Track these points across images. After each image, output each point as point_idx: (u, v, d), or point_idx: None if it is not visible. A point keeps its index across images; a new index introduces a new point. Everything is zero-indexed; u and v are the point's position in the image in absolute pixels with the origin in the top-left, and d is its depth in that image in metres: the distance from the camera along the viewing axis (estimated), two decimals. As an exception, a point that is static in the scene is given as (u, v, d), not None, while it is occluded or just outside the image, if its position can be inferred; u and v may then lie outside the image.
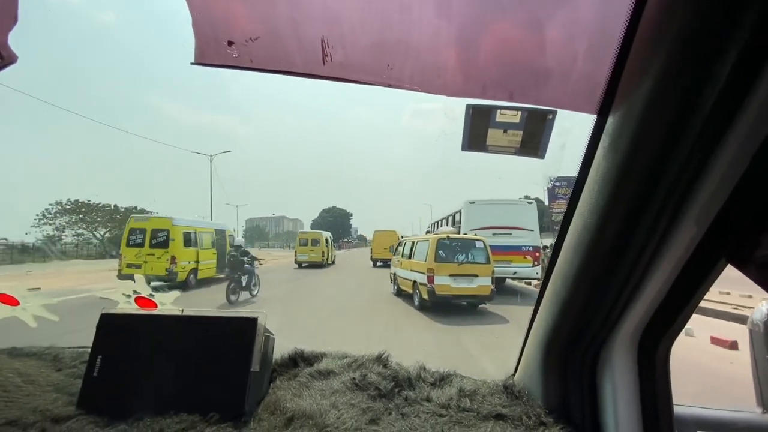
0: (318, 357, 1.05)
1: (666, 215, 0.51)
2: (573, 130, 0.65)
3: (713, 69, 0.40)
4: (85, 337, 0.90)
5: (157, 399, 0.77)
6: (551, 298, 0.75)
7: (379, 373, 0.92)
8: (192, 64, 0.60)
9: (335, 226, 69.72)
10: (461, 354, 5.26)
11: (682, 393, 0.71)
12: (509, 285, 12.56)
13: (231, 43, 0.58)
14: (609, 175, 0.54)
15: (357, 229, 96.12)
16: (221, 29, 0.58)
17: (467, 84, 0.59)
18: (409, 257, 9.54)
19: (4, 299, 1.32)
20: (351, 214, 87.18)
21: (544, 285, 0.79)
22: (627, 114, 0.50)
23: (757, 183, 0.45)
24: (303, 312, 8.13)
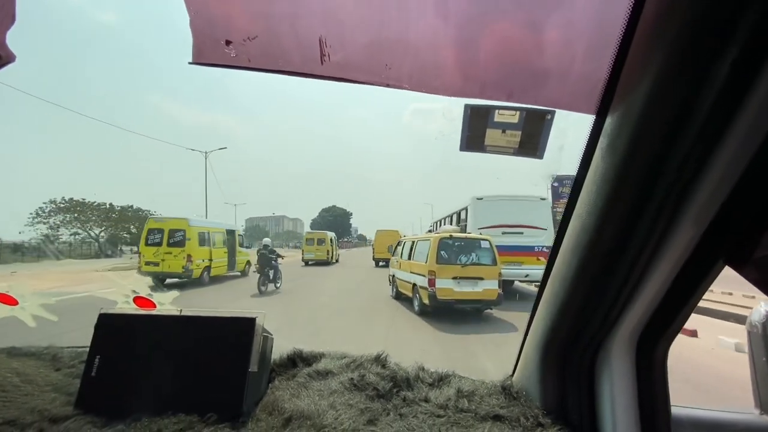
0: (317, 357, 1.05)
1: (664, 216, 0.51)
2: (571, 130, 0.65)
3: (712, 69, 0.40)
4: (84, 337, 0.89)
5: (155, 399, 0.76)
6: (549, 298, 0.75)
7: (378, 374, 0.92)
8: (190, 63, 0.60)
9: (335, 225, 69.65)
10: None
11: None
12: (518, 288, 11.34)
13: (229, 43, 0.58)
14: (607, 176, 0.54)
15: (357, 229, 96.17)
16: (219, 28, 0.58)
17: (465, 84, 0.58)
18: (409, 258, 8.81)
19: (3, 299, 1.32)
20: (351, 213, 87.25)
21: (542, 286, 0.78)
22: (625, 114, 0.50)
23: (756, 184, 0.45)
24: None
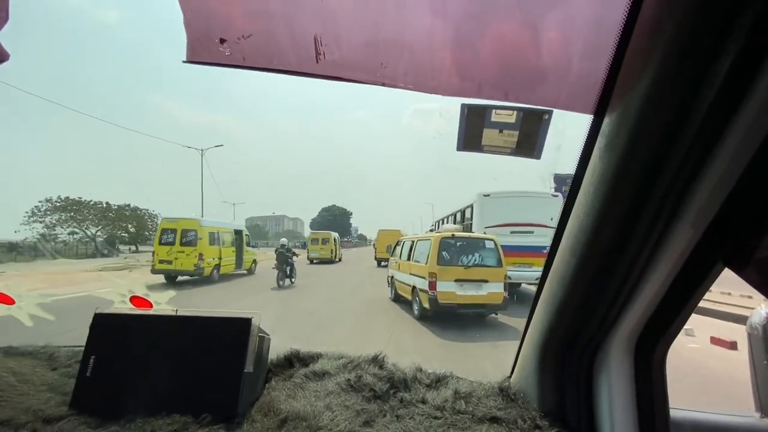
0: (314, 357, 1.04)
1: (663, 217, 0.50)
2: (569, 130, 0.64)
3: (710, 69, 0.39)
4: (81, 336, 0.89)
5: (150, 399, 0.76)
6: (548, 299, 0.74)
7: (375, 374, 0.92)
8: (184, 62, 0.60)
9: (335, 225, 69.52)
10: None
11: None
12: (525, 290, 10.24)
13: (223, 41, 0.57)
14: (605, 176, 0.53)
15: (357, 229, 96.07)
16: (213, 27, 0.57)
17: (462, 83, 0.58)
18: (408, 259, 8.27)
19: (0, 298, 1.32)
20: (351, 213, 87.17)
21: (540, 286, 0.78)
22: (624, 114, 0.49)
23: (755, 185, 0.45)
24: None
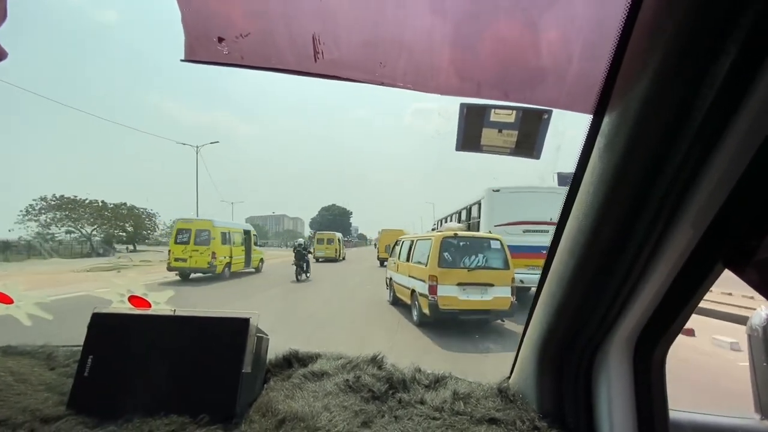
0: (312, 357, 1.04)
1: (662, 218, 0.50)
2: (569, 130, 0.64)
3: (710, 69, 0.39)
4: (79, 336, 0.89)
5: (148, 399, 0.76)
6: (547, 300, 0.74)
7: (373, 375, 0.91)
8: (182, 61, 0.59)
9: (335, 224, 69.38)
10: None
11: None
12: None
13: (221, 40, 0.57)
14: (605, 177, 0.53)
15: (357, 228, 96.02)
16: (211, 26, 0.57)
17: (461, 83, 0.58)
18: (407, 260, 7.64)
19: (-1, 297, 1.32)
20: (351, 212, 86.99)
21: (539, 287, 0.78)
22: (623, 114, 0.49)
23: (756, 185, 0.44)
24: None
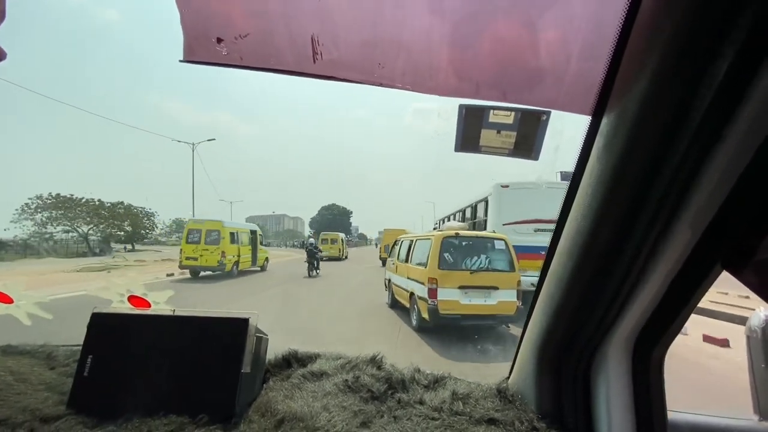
0: (312, 358, 1.04)
1: (661, 219, 0.50)
2: (567, 131, 0.64)
3: (709, 70, 0.39)
4: (79, 336, 0.89)
5: (147, 399, 0.76)
6: (545, 301, 0.74)
7: (373, 375, 0.91)
8: (180, 61, 0.59)
9: (334, 224, 69.33)
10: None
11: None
12: None
13: (220, 41, 0.57)
14: (603, 178, 0.53)
15: (357, 228, 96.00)
16: (210, 26, 0.57)
17: (460, 83, 0.58)
18: (406, 261, 7.19)
19: (-2, 297, 1.32)
20: (351, 212, 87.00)
21: (538, 287, 0.78)
22: (622, 115, 0.49)
23: (754, 187, 0.44)
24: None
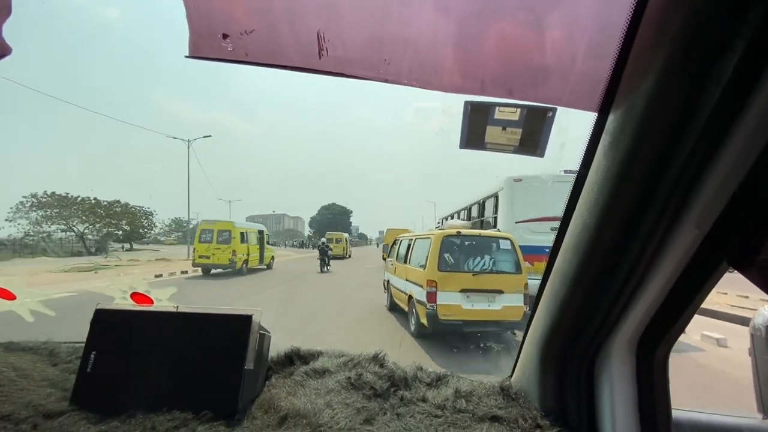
0: (314, 355, 1.04)
1: (667, 216, 0.50)
2: (573, 128, 0.64)
3: (717, 66, 0.39)
4: (82, 333, 0.89)
5: (150, 396, 0.76)
6: (549, 298, 0.74)
7: (375, 373, 0.91)
8: (186, 57, 0.59)
9: (334, 223, 69.21)
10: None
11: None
12: None
13: (226, 36, 0.57)
14: (609, 174, 0.53)
15: (358, 228, 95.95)
16: (216, 22, 0.57)
17: (466, 80, 0.58)
18: (405, 261, 6.70)
19: (1, 294, 1.32)
20: (351, 211, 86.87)
21: (542, 285, 0.78)
22: (628, 112, 0.49)
23: (761, 183, 0.44)
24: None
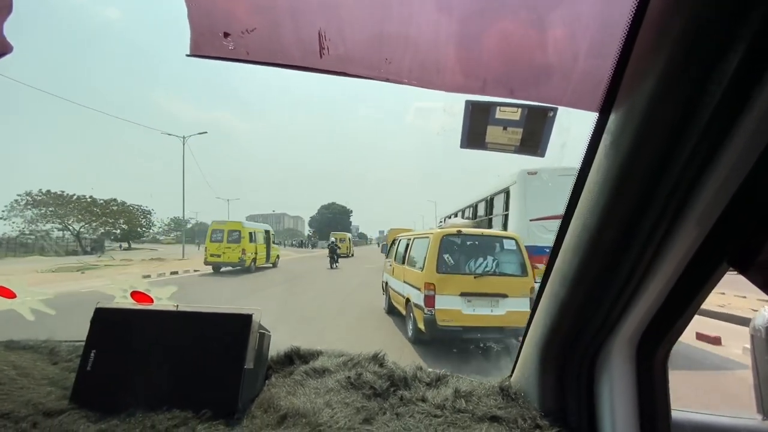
0: (314, 355, 1.04)
1: (667, 216, 0.50)
2: (574, 127, 0.64)
3: (718, 66, 0.39)
4: (82, 331, 0.89)
5: (150, 394, 0.76)
6: (549, 298, 0.74)
7: (375, 372, 0.91)
8: (187, 55, 0.59)
9: (334, 223, 69.12)
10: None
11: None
12: None
13: (227, 35, 0.57)
14: (610, 174, 0.53)
15: (358, 227, 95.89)
16: (217, 20, 0.57)
17: (467, 79, 0.57)
18: (403, 262, 6.34)
19: (1, 292, 1.32)
20: (351, 211, 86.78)
21: (542, 285, 0.78)
22: (630, 112, 0.49)
23: (762, 184, 0.44)
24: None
